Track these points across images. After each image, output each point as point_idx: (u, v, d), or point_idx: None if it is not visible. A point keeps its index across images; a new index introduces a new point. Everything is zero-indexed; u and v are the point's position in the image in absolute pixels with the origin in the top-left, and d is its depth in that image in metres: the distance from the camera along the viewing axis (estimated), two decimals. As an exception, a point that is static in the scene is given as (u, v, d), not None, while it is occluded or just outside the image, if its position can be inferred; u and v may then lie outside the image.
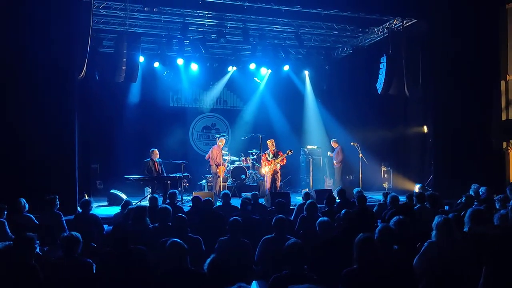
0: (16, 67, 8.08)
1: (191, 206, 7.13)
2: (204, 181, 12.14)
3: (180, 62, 12.19)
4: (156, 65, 12.47)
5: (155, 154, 10.30)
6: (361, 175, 11.29)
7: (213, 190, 10.53)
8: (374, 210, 7.20)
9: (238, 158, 12.60)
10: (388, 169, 12.59)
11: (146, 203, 7.20)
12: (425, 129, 11.53)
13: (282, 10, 9.96)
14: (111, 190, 10.17)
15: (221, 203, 7.54)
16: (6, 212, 5.99)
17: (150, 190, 10.19)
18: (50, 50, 8.06)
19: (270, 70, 13.57)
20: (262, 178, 11.46)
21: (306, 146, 13.17)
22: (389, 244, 3.92)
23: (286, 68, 13.22)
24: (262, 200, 9.12)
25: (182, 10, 10.04)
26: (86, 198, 7.79)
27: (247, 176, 12.04)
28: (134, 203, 7.61)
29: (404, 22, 10.63)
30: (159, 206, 6.31)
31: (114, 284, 3.87)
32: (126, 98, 12.64)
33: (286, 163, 11.01)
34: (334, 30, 11.55)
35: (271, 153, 10.60)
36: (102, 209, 9.35)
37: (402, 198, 7.29)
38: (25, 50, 8.01)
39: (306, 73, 14.17)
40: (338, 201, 7.48)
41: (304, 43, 11.98)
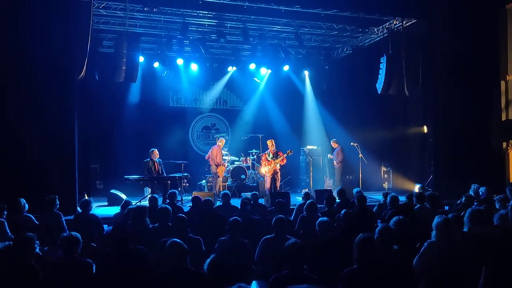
0: (16, 67, 8.07)
1: (191, 206, 7.13)
2: (204, 181, 12.13)
3: (180, 62, 12.18)
4: (156, 65, 12.46)
5: (155, 154, 10.31)
6: (361, 175, 11.28)
7: (213, 190, 10.53)
8: (374, 210, 7.20)
9: (238, 158, 12.59)
10: (388, 169, 12.59)
11: (146, 203, 7.20)
12: (425, 129, 11.51)
13: (282, 10, 9.96)
14: (111, 190, 10.17)
15: (221, 203, 7.54)
16: (6, 212, 5.98)
17: (150, 190, 10.19)
18: (50, 50, 8.06)
19: (270, 70, 13.56)
20: (262, 178, 11.46)
21: (306, 146, 13.16)
22: (389, 244, 3.92)
23: (286, 68, 13.21)
24: (262, 200, 9.12)
25: (182, 10, 10.04)
26: (86, 198, 7.78)
27: (247, 176, 12.03)
28: (134, 203, 7.60)
29: (404, 22, 10.62)
30: (159, 206, 6.30)
31: (114, 284, 3.87)
32: (126, 98, 12.63)
33: (286, 163, 11.02)
34: (334, 30, 11.55)
35: (271, 153, 10.60)
36: (102, 209, 9.34)
37: (402, 198, 7.28)
38: (25, 50, 8.01)
39: (306, 73, 14.16)
40: (338, 201, 7.48)
41: (304, 43, 11.98)
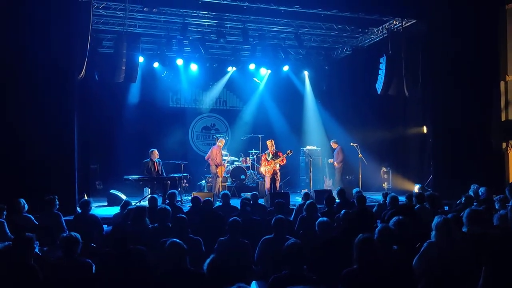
0: (16, 67, 8.06)
1: (191, 206, 7.13)
2: (203, 181, 12.12)
3: (179, 62, 12.17)
4: (155, 65, 12.45)
5: (155, 154, 10.32)
6: (360, 176, 11.27)
7: (212, 191, 10.52)
8: (374, 210, 7.20)
9: (237, 159, 12.58)
10: (387, 169, 12.59)
11: (146, 204, 7.20)
12: (424, 129, 11.51)
13: (281, 10, 9.96)
14: (111, 191, 10.16)
15: (220, 204, 7.54)
16: (5, 212, 5.98)
17: (150, 190, 10.19)
18: (50, 50, 8.06)
19: (269, 71, 13.56)
20: (262, 178, 11.46)
21: (306, 147, 13.17)
22: (388, 244, 3.92)
23: (286, 68, 13.20)
24: (261, 200, 9.11)
25: (181, 11, 10.03)
26: (86, 198, 7.77)
27: (247, 176, 12.03)
28: (133, 204, 7.61)
29: (403, 23, 10.62)
30: (159, 207, 6.30)
31: (114, 284, 3.87)
32: (125, 98, 12.63)
33: (285, 164, 11.02)
34: (333, 31, 11.55)
35: (271, 153, 10.59)
36: (101, 209, 9.34)
37: (402, 199, 7.28)
38: (25, 50, 8.00)
39: (306, 73, 14.16)
40: (337, 201, 7.48)
41: (303, 44, 11.98)
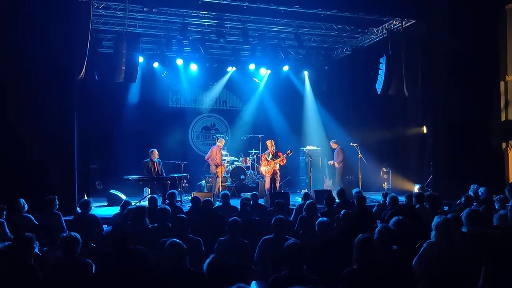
0: (16, 67, 8.07)
1: (190, 206, 7.13)
2: (203, 181, 12.12)
3: (179, 62, 12.17)
4: (155, 65, 12.45)
5: (155, 154, 10.32)
6: (360, 176, 11.26)
7: (212, 191, 10.52)
8: (374, 210, 7.20)
9: (237, 159, 12.58)
10: (387, 169, 12.58)
11: (146, 204, 7.20)
12: (424, 129, 11.51)
13: (281, 10, 9.95)
14: (111, 191, 10.16)
15: (220, 204, 7.54)
16: (5, 212, 5.98)
17: (150, 190, 10.20)
18: (50, 50, 8.06)
19: (269, 71, 13.56)
20: (262, 178, 11.46)
21: (306, 147, 13.16)
22: (388, 244, 3.92)
23: (286, 68, 13.20)
24: (261, 200, 9.11)
25: (181, 11, 10.03)
26: (86, 198, 7.76)
27: (247, 176, 12.02)
28: (133, 204, 7.61)
29: (403, 23, 10.62)
30: (159, 207, 6.30)
31: (114, 284, 3.87)
32: (125, 98, 12.62)
33: (285, 164, 11.02)
34: (333, 31, 11.55)
35: (271, 153, 10.59)
36: (101, 209, 9.34)
37: (402, 199, 7.28)
38: (25, 50, 8.00)
39: (306, 73, 14.16)
40: (337, 201, 7.48)
41: (303, 44, 11.98)
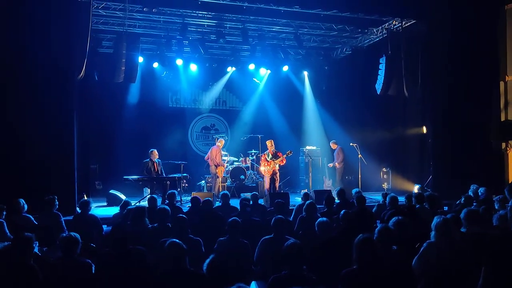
0: (16, 67, 8.06)
1: (190, 206, 7.13)
2: (203, 181, 12.12)
3: (179, 62, 12.17)
4: (155, 65, 12.45)
5: (154, 154, 10.31)
6: (360, 176, 11.26)
7: (212, 191, 10.52)
8: (373, 210, 7.20)
9: (237, 159, 12.58)
10: (387, 169, 12.58)
11: (145, 204, 7.20)
12: (424, 129, 11.51)
13: (281, 10, 9.95)
14: (110, 191, 10.16)
15: (220, 204, 7.54)
16: (5, 212, 5.97)
17: (149, 190, 10.19)
18: (50, 50, 8.06)
19: (269, 71, 13.56)
20: (261, 178, 11.46)
21: (305, 147, 13.16)
22: (388, 244, 3.92)
23: (285, 68, 13.20)
24: (261, 200, 9.11)
25: (181, 11, 10.02)
26: (85, 198, 7.77)
27: (246, 176, 12.02)
28: (133, 204, 7.61)
29: (403, 23, 10.62)
30: (158, 207, 6.30)
31: (113, 284, 3.87)
32: (125, 98, 12.61)
33: (285, 164, 11.02)
34: (333, 31, 11.55)
35: (270, 153, 10.59)
36: (101, 209, 9.34)
37: (401, 199, 7.28)
38: (25, 50, 8.00)
39: (305, 73, 14.16)
40: (337, 201, 7.48)
41: (303, 44, 11.98)
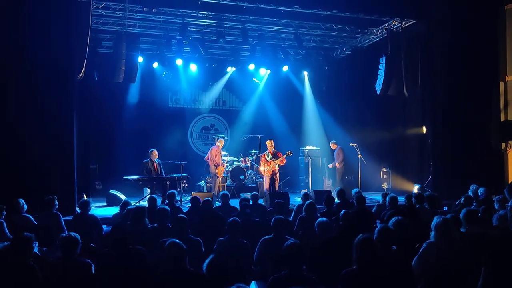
0: (16, 67, 8.06)
1: (190, 206, 7.13)
2: (203, 181, 12.12)
3: (179, 62, 12.17)
4: (155, 65, 12.44)
5: (154, 154, 10.31)
6: (360, 176, 11.27)
7: (212, 191, 10.52)
8: (373, 210, 7.20)
9: (237, 159, 12.58)
10: (387, 169, 12.58)
11: (145, 204, 7.20)
12: (424, 129, 11.52)
13: (281, 10, 9.95)
14: (110, 191, 10.16)
15: (220, 204, 7.54)
16: (4, 212, 5.97)
17: (149, 190, 10.19)
18: (50, 50, 8.06)
19: (269, 71, 13.56)
20: (261, 178, 11.46)
21: (305, 147, 13.15)
22: (388, 244, 3.92)
23: (285, 68, 13.19)
24: (261, 200, 9.10)
25: (181, 11, 10.02)
26: (85, 198, 7.77)
27: (246, 176, 12.02)
28: (133, 204, 7.61)
29: (403, 23, 10.62)
30: (158, 207, 6.30)
31: (113, 284, 3.87)
32: (125, 98, 12.60)
33: (285, 164, 11.00)
34: (333, 31, 11.54)
35: (270, 153, 10.59)
36: (101, 209, 9.34)
37: (401, 199, 7.28)
38: (25, 50, 8.00)
39: (305, 73, 14.16)
40: (337, 201, 7.48)
41: (303, 44, 11.98)
